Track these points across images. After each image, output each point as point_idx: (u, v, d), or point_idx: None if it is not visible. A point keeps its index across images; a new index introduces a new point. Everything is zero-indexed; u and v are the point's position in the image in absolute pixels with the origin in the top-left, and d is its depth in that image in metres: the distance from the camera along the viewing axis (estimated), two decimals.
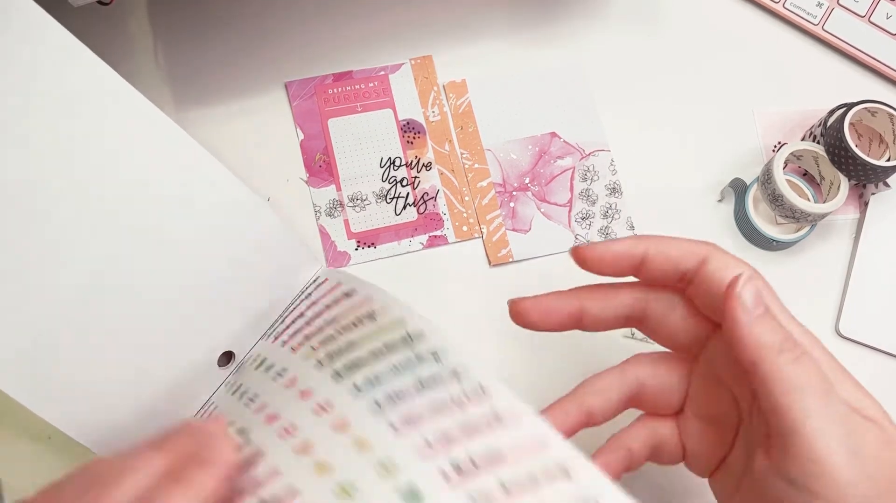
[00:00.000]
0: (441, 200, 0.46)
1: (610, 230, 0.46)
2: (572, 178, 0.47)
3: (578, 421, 0.34)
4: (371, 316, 0.33)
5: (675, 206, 0.47)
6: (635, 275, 0.34)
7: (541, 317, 0.34)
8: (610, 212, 0.46)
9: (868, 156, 0.43)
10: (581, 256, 0.34)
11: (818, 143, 0.45)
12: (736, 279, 0.30)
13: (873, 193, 0.47)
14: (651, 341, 0.44)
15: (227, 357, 0.41)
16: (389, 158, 0.46)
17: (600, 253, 0.34)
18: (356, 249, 0.44)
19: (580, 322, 0.35)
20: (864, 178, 0.44)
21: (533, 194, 0.46)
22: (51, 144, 0.36)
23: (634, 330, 0.44)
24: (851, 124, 0.44)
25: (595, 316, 0.34)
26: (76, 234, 0.36)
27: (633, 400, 0.35)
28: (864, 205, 0.48)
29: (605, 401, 0.34)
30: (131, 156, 0.37)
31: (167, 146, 0.38)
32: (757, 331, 0.29)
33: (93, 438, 0.37)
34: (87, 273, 0.37)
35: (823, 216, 0.44)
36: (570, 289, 0.35)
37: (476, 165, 0.47)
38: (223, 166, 0.39)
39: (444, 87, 0.48)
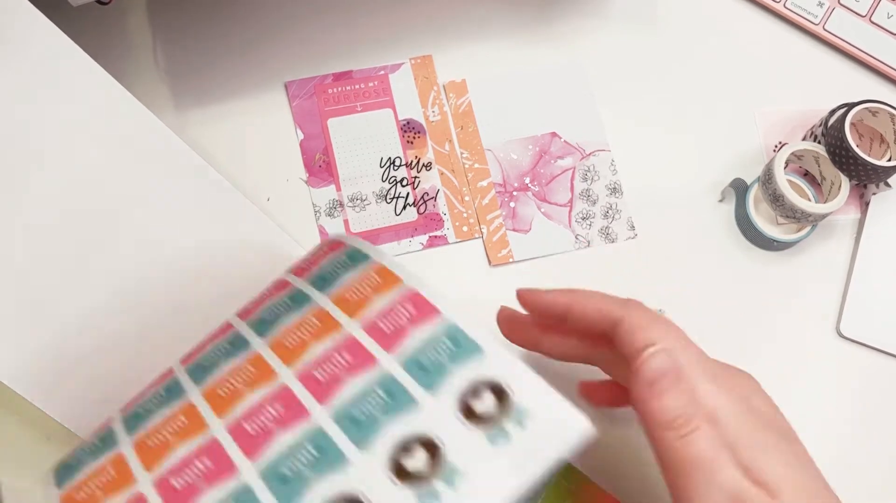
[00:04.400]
0: (441, 200, 0.46)
1: (610, 230, 0.46)
2: (572, 178, 0.47)
3: None
4: None
5: (675, 206, 0.47)
6: (565, 324, 0.35)
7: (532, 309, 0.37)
8: (610, 212, 0.46)
9: (869, 156, 0.43)
10: (522, 299, 0.37)
11: (819, 143, 0.45)
12: (640, 353, 0.31)
13: (874, 193, 0.47)
14: None
15: None
16: (389, 158, 0.46)
17: (533, 300, 0.36)
18: None
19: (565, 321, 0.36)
20: (864, 178, 0.44)
21: (533, 194, 0.46)
22: (43, 148, 0.36)
23: None
24: (852, 124, 0.44)
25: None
26: (72, 238, 0.36)
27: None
28: (864, 205, 0.47)
29: None
30: (126, 161, 0.37)
31: (161, 151, 0.38)
32: (649, 408, 0.31)
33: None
34: (79, 273, 0.37)
35: (824, 216, 0.44)
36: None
37: (476, 165, 0.46)
38: (217, 173, 0.39)
39: (444, 86, 0.48)
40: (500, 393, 0.27)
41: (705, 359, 0.32)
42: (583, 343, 0.36)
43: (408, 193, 0.46)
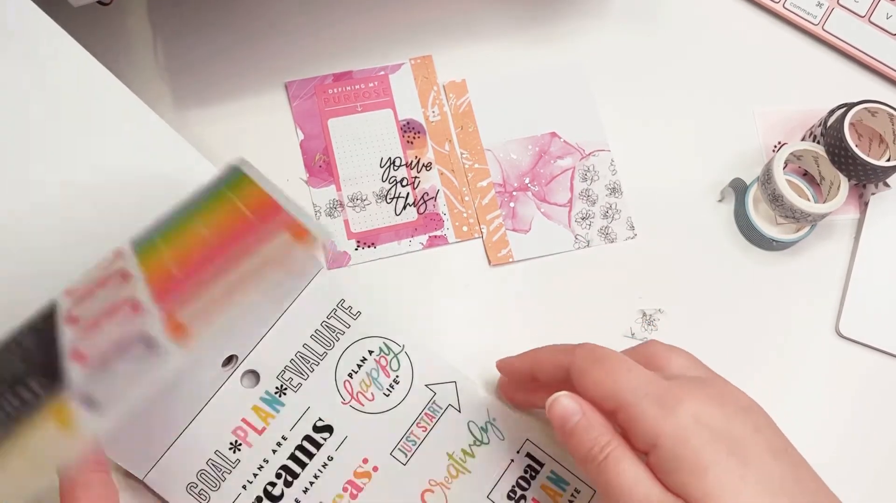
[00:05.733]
0: (441, 200, 0.46)
1: (610, 230, 0.46)
2: (572, 178, 0.47)
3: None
4: None
5: (675, 206, 0.47)
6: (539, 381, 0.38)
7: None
8: (610, 212, 0.46)
9: (868, 156, 0.43)
10: (499, 368, 0.41)
11: (818, 143, 0.45)
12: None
13: (873, 193, 0.47)
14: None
15: (228, 356, 0.41)
16: (389, 158, 0.46)
17: (507, 366, 0.40)
18: (356, 249, 0.44)
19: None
20: (864, 178, 0.44)
21: (533, 194, 0.46)
22: (43, 145, 0.36)
23: (634, 330, 0.44)
24: (851, 124, 0.44)
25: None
26: (70, 233, 0.36)
27: None
28: (864, 205, 0.48)
29: None
30: (125, 158, 0.37)
31: (161, 148, 0.38)
32: (567, 448, 0.34)
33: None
34: (81, 270, 0.37)
35: (823, 216, 0.44)
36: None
37: (476, 165, 0.47)
38: (216, 168, 0.39)
39: (443, 86, 0.48)
40: None
41: (652, 383, 0.32)
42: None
43: (408, 193, 0.46)
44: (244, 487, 0.39)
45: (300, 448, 0.40)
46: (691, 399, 0.32)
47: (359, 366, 0.41)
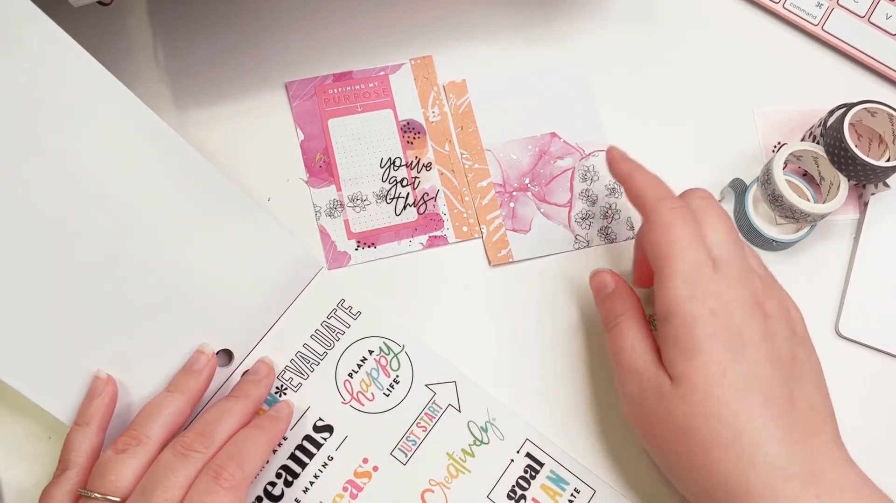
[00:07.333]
0: (441, 200, 0.46)
1: (610, 230, 0.46)
2: (572, 179, 0.47)
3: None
4: None
5: None
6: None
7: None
8: (610, 212, 0.47)
9: (868, 156, 0.43)
10: (607, 159, 0.42)
11: (818, 143, 0.45)
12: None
13: (873, 194, 0.47)
14: None
15: (227, 357, 0.41)
16: (389, 158, 0.46)
17: (610, 162, 0.42)
18: (356, 249, 0.44)
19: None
20: (863, 178, 0.44)
21: (533, 194, 0.46)
22: (43, 145, 0.36)
23: None
24: (851, 124, 0.44)
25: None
26: (73, 236, 0.36)
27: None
28: (863, 205, 0.48)
29: None
30: (126, 159, 0.37)
31: (162, 149, 0.38)
32: (599, 311, 0.40)
33: None
34: (84, 273, 0.37)
35: (823, 216, 0.44)
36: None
37: (476, 165, 0.47)
38: (217, 170, 0.39)
39: (444, 87, 0.48)
40: None
41: (691, 264, 0.35)
42: None
43: (408, 193, 0.46)
44: None
45: (300, 448, 0.40)
46: (724, 293, 0.35)
47: (359, 365, 0.42)
